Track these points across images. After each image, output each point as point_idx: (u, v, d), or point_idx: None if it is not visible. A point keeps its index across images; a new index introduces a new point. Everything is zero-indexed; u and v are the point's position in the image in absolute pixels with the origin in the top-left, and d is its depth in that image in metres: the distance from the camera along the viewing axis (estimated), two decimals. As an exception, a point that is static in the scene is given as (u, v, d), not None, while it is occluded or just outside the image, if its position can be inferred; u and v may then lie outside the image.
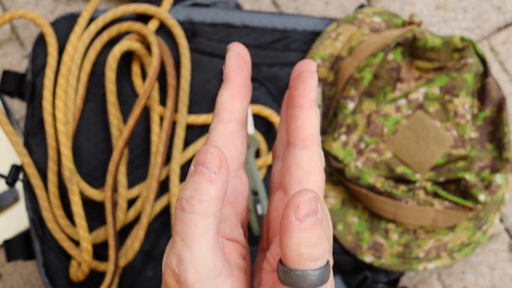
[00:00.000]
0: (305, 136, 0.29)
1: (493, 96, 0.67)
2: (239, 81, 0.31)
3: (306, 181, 0.28)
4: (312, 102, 0.29)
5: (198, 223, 0.25)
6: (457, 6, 0.88)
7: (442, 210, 0.64)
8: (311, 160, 0.29)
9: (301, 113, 0.29)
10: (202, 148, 0.26)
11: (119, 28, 0.66)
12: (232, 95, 0.31)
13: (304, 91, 0.29)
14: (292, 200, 0.24)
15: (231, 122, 0.30)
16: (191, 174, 0.26)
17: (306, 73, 0.29)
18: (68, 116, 0.65)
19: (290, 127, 0.29)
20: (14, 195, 0.78)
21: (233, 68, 0.31)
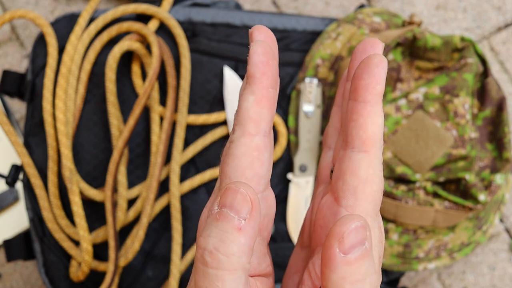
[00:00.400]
0: (366, 136, 0.25)
1: (493, 96, 0.67)
2: (267, 81, 0.26)
3: (362, 191, 0.24)
4: (379, 97, 0.25)
5: (226, 280, 0.21)
6: (457, 6, 0.88)
7: (442, 210, 0.64)
8: (370, 166, 0.25)
9: (365, 109, 0.24)
10: (229, 186, 0.22)
11: (119, 28, 0.66)
12: (259, 100, 0.25)
13: (370, 82, 0.24)
14: (336, 229, 0.21)
15: (257, 134, 0.26)
16: (215, 218, 0.21)
17: (375, 61, 0.24)
18: (68, 116, 0.65)
19: (349, 124, 0.25)
20: (14, 195, 0.78)
21: (260, 66, 0.25)
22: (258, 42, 0.26)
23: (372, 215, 0.25)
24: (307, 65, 0.68)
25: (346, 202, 0.25)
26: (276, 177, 0.68)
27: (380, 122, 0.25)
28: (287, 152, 0.68)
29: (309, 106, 0.66)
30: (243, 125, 0.25)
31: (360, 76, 0.25)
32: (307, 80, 0.67)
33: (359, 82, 0.25)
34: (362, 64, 0.25)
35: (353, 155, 0.25)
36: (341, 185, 0.25)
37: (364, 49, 0.27)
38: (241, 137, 0.25)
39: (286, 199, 0.67)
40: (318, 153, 0.67)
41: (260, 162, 0.26)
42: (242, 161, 0.25)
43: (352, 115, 0.25)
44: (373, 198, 0.25)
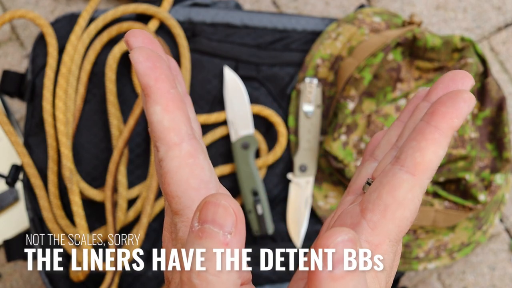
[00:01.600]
0: (421, 161, 0.23)
1: (493, 96, 0.67)
2: (164, 85, 0.24)
3: (392, 212, 0.23)
4: (452, 130, 0.23)
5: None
6: (457, 6, 0.88)
7: (442, 210, 0.64)
8: (411, 191, 0.23)
9: (433, 134, 0.23)
10: (208, 199, 0.20)
11: (119, 28, 0.66)
12: (165, 107, 0.24)
13: (451, 112, 0.23)
14: (321, 242, 0.20)
15: (182, 141, 0.24)
16: (197, 236, 0.20)
17: (464, 96, 0.24)
18: (68, 116, 0.65)
19: (410, 143, 0.24)
20: (14, 195, 0.78)
21: (149, 73, 0.24)
22: (136, 50, 0.24)
23: (392, 240, 0.24)
24: (307, 65, 0.68)
25: (371, 216, 0.24)
26: (276, 177, 0.68)
27: (441, 155, 0.23)
28: (287, 152, 0.68)
29: (309, 106, 0.66)
30: (163, 139, 0.24)
31: (444, 103, 0.24)
32: (307, 80, 0.67)
33: (439, 108, 0.24)
34: (450, 93, 0.24)
35: (400, 173, 0.24)
36: (373, 198, 0.24)
37: (454, 78, 0.26)
38: (168, 151, 0.24)
39: (286, 199, 0.67)
40: (318, 153, 0.67)
41: (199, 167, 0.24)
42: (181, 174, 0.24)
43: (417, 136, 0.24)
44: (400, 224, 0.23)
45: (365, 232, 0.24)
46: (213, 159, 0.67)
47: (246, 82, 0.68)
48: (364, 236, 0.24)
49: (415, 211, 0.24)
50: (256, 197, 0.65)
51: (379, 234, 0.23)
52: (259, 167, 0.67)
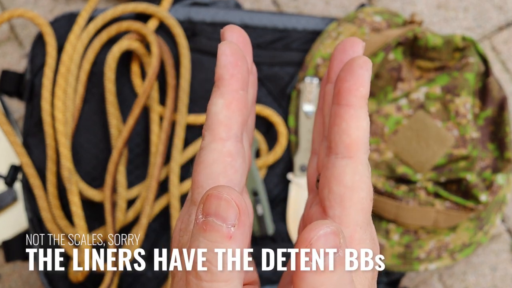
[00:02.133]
0: (349, 141, 0.23)
1: (495, 96, 0.67)
2: (237, 83, 0.25)
3: (349, 199, 0.23)
4: (363, 100, 0.24)
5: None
6: (458, 5, 0.87)
7: (443, 211, 0.64)
8: (356, 172, 0.23)
9: (348, 113, 0.23)
10: (211, 192, 0.20)
11: (118, 28, 0.66)
12: (228, 104, 0.24)
13: (354, 84, 0.23)
14: (304, 235, 0.20)
15: (228, 139, 0.24)
16: (201, 228, 0.20)
17: (359, 62, 0.23)
18: (67, 115, 0.65)
19: (333, 129, 0.24)
20: (12, 196, 0.78)
21: (229, 67, 0.24)
22: (226, 43, 0.25)
23: (362, 225, 0.24)
24: (307, 65, 0.67)
25: (333, 212, 0.24)
26: (276, 177, 0.67)
27: (365, 126, 0.23)
28: (287, 152, 0.68)
29: (310, 106, 0.66)
30: (213, 130, 0.24)
31: (343, 78, 0.24)
32: (308, 80, 0.66)
33: (342, 85, 0.24)
34: (346, 66, 0.24)
35: (337, 161, 0.24)
36: (326, 194, 0.24)
37: (344, 49, 0.26)
38: (211, 142, 0.24)
39: (286, 199, 0.67)
40: (318, 153, 0.67)
41: (233, 169, 0.24)
42: (215, 168, 0.24)
43: (335, 120, 0.24)
44: (362, 207, 0.23)
45: None
46: (213, 159, 0.67)
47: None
48: None
49: (370, 188, 0.24)
50: (256, 197, 0.65)
51: (348, 226, 0.23)
52: (259, 167, 0.66)
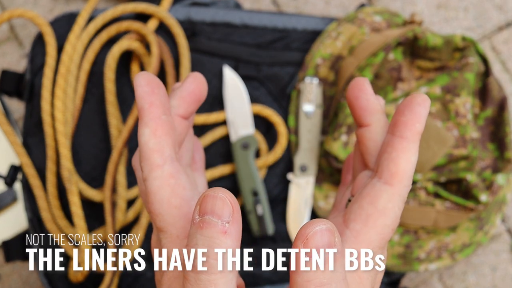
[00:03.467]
0: (395, 170, 0.25)
1: (495, 96, 0.67)
2: (157, 110, 0.26)
3: (374, 220, 0.25)
4: (417, 135, 0.25)
5: (218, 284, 0.22)
6: (458, 5, 0.87)
7: (443, 211, 0.64)
8: (391, 200, 0.25)
9: (400, 143, 0.25)
10: (207, 193, 0.22)
11: (118, 28, 0.66)
12: (154, 131, 0.26)
13: (411, 119, 0.25)
14: (301, 231, 0.21)
15: (165, 163, 0.26)
16: (198, 227, 0.22)
17: (418, 100, 0.25)
18: (67, 115, 0.65)
19: (383, 156, 0.26)
20: (12, 196, 0.78)
21: (146, 97, 0.26)
22: (140, 74, 0.26)
23: (374, 248, 0.25)
24: (307, 65, 0.67)
25: (354, 225, 0.25)
26: (276, 177, 0.67)
27: (413, 160, 0.25)
28: (287, 152, 0.68)
29: (310, 106, 0.66)
30: (148, 160, 0.26)
31: (402, 112, 0.25)
32: (308, 80, 0.66)
33: (399, 118, 0.25)
34: (405, 101, 0.25)
35: (378, 184, 0.25)
36: (355, 209, 0.25)
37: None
38: (150, 172, 0.25)
39: (286, 199, 0.67)
40: (318, 153, 0.67)
41: (180, 187, 0.26)
42: (163, 194, 0.25)
43: (387, 148, 0.25)
44: (382, 231, 0.25)
45: (349, 240, 0.25)
46: (213, 159, 0.67)
47: (246, 82, 0.68)
48: (347, 244, 0.25)
49: (396, 219, 0.25)
50: (256, 197, 0.65)
51: (361, 242, 0.25)
52: (259, 167, 0.66)
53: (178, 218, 0.25)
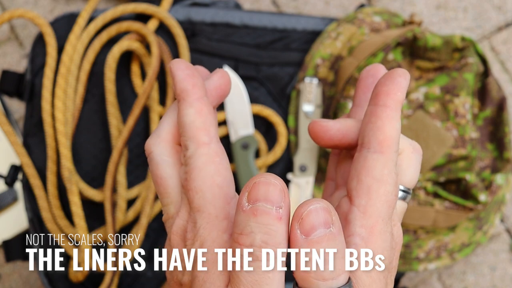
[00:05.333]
0: (383, 138, 0.25)
1: (494, 96, 0.67)
2: (200, 91, 0.27)
3: (376, 190, 0.25)
4: (399, 103, 0.26)
5: (276, 270, 0.22)
6: (458, 6, 0.87)
7: (443, 210, 0.64)
8: (385, 167, 0.25)
9: (384, 112, 0.25)
10: (258, 180, 0.22)
11: (118, 28, 0.66)
12: (199, 111, 0.26)
13: (392, 89, 0.26)
14: (296, 211, 0.22)
15: (211, 141, 0.26)
16: (251, 214, 0.22)
17: (399, 72, 0.26)
18: (67, 116, 0.65)
19: (367, 126, 0.26)
20: (13, 196, 0.78)
21: (188, 79, 0.27)
22: (175, 61, 0.27)
23: (384, 218, 0.25)
24: (307, 65, 0.68)
25: (359, 201, 0.25)
26: (276, 177, 0.67)
27: (398, 127, 0.25)
28: (287, 152, 0.68)
29: (309, 106, 0.66)
30: (194, 137, 0.26)
31: (383, 83, 0.26)
32: (307, 80, 0.66)
33: (381, 88, 0.26)
34: (386, 74, 0.26)
35: (369, 155, 0.25)
36: (355, 185, 0.25)
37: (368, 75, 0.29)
38: (197, 149, 0.26)
39: (286, 199, 0.67)
40: (318, 153, 0.67)
41: (224, 167, 0.26)
42: (208, 170, 0.25)
43: (371, 118, 0.26)
44: (387, 199, 0.25)
45: (358, 217, 0.25)
46: (213, 159, 0.67)
47: (246, 82, 0.68)
48: (358, 221, 0.25)
49: (395, 185, 0.25)
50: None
51: (371, 216, 0.25)
52: (259, 167, 0.67)
53: (218, 197, 0.25)
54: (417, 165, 0.28)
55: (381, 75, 0.29)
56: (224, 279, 0.24)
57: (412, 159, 0.28)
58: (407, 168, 0.28)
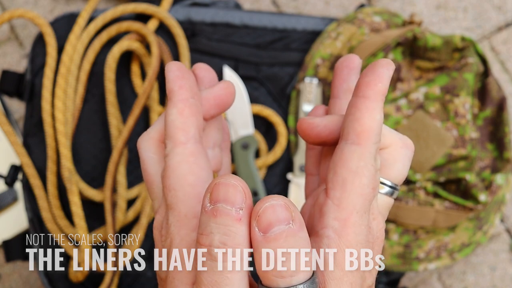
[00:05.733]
0: (361, 130, 0.25)
1: (494, 96, 0.67)
2: (186, 93, 0.27)
3: (351, 182, 0.24)
4: (380, 94, 0.25)
5: (235, 271, 0.22)
6: (458, 6, 0.87)
7: (443, 211, 0.64)
8: (361, 159, 0.25)
9: (363, 103, 0.25)
10: (217, 181, 0.22)
11: (118, 28, 0.66)
12: (181, 111, 0.27)
13: (373, 79, 0.25)
14: (254, 208, 0.22)
15: (188, 141, 0.27)
16: (211, 215, 0.22)
17: (382, 62, 0.26)
18: (67, 116, 0.65)
19: (347, 118, 0.25)
20: (13, 196, 0.78)
21: (176, 80, 0.28)
22: (171, 62, 0.28)
23: (359, 211, 0.25)
24: (307, 65, 0.68)
25: (334, 193, 0.25)
26: (276, 177, 0.67)
27: (379, 118, 0.25)
28: (287, 152, 0.68)
29: (309, 106, 0.66)
30: (172, 137, 0.26)
31: (364, 74, 0.25)
32: (307, 80, 0.66)
33: (362, 80, 0.25)
34: (369, 65, 0.26)
35: (346, 147, 0.25)
36: (331, 177, 0.25)
37: (343, 66, 0.29)
38: (173, 148, 0.26)
39: (286, 199, 0.67)
40: (318, 153, 0.67)
41: (199, 167, 0.26)
42: (181, 169, 0.26)
43: (351, 109, 0.25)
44: (362, 192, 0.24)
45: (332, 209, 0.25)
46: (213, 159, 0.67)
47: (246, 82, 0.68)
48: (331, 214, 0.25)
49: (373, 178, 0.25)
50: (256, 197, 0.65)
51: (345, 208, 0.25)
52: (259, 167, 0.67)
53: (189, 196, 0.26)
54: (405, 161, 0.27)
55: (355, 65, 0.29)
56: (192, 277, 0.24)
57: (401, 154, 0.27)
58: (394, 163, 0.27)
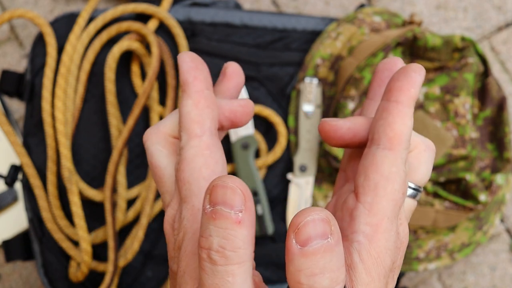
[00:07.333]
0: (393, 134, 0.25)
1: (494, 96, 0.67)
2: (201, 84, 0.27)
3: (383, 188, 0.24)
4: (412, 100, 0.25)
5: (236, 274, 0.21)
6: (458, 6, 0.87)
7: (443, 210, 0.64)
8: (394, 164, 0.24)
9: (396, 108, 0.25)
10: (215, 182, 0.21)
11: (118, 28, 0.66)
12: (197, 103, 0.26)
13: (406, 84, 0.25)
14: (293, 220, 0.21)
15: (203, 134, 0.26)
16: (210, 217, 0.21)
17: (413, 67, 0.25)
18: (67, 116, 0.65)
19: (378, 122, 0.25)
20: (13, 196, 0.78)
21: (190, 71, 0.27)
22: (184, 53, 0.28)
23: (390, 216, 0.25)
24: (307, 65, 0.68)
25: (365, 198, 0.25)
26: (276, 177, 0.67)
27: (409, 124, 0.25)
28: (287, 152, 0.68)
29: (309, 106, 0.66)
30: (187, 129, 0.26)
31: (396, 79, 0.25)
32: (307, 80, 0.66)
33: (394, 84, 0.25)
34: (400, 69, 0.25)
35: (378, 151, 0.25)
36: (362, 181, 0.25)
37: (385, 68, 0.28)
38: (188, 140, 0.26)
39: (286, 199, 0.67)
40: (318, 153, 0.67)
41: (214, 160, 0.26)
42: (196, 163, 0.25)
43: (382, 114, 0.25)
44: (393, 198, 0.24)
45: (363, 214, 0.25)
46: (213, 159, 0.67)
47: (246, 82, 0.68)
48: (362, 219, 0.25)
49: (403, 183, 0.25)
50: (256, 197, 0.65)
51: (376, 214, 0.24)
52: (259, 167, 0.67)
53: (204, 190, 0.25)
54: (429, 163, 0.27)
55: (397, 69, 0.28)
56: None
57: (425, 157, 0.27)
58: (418, 166, 0.27)
